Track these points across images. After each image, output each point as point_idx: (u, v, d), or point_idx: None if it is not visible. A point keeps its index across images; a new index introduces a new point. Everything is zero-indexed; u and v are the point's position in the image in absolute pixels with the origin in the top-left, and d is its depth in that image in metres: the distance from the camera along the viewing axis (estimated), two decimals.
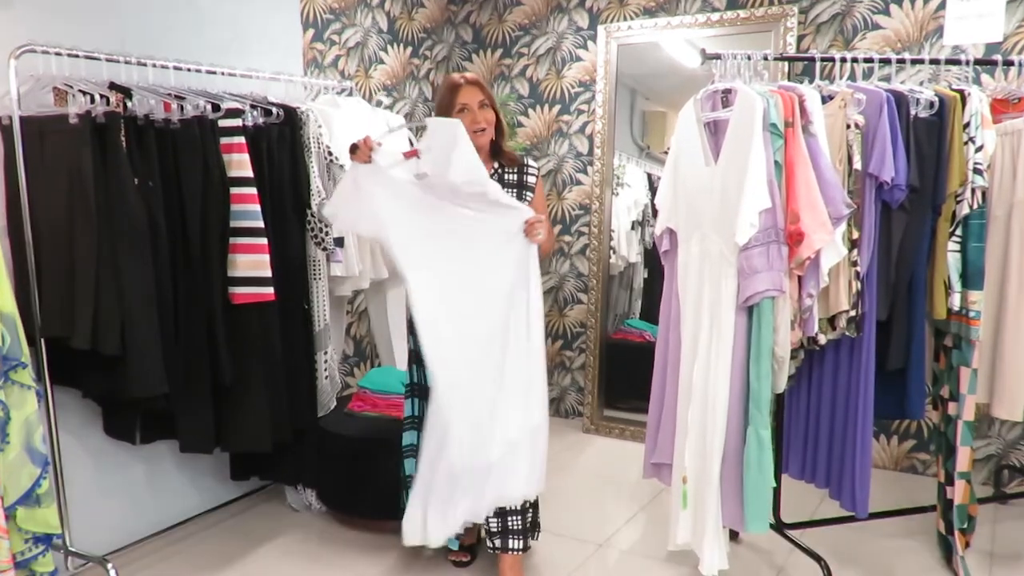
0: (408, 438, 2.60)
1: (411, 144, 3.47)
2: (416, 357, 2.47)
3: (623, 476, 3.48)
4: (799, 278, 2.24)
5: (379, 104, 3.68)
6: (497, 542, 2.50)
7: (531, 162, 2.52)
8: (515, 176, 2.48)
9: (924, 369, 2.53)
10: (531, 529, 2.59)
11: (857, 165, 2.27)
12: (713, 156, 2.33)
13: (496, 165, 2.47)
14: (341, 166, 2.90)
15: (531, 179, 2.50)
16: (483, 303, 2.29)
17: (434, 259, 2.27)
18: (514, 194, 2.44)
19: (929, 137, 2.33)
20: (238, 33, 3.13)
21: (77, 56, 2.37)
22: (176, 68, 2.62)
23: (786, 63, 3.46)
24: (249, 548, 2.86)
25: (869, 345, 2.33)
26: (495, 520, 2.47)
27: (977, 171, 2.31)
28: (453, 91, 2.39)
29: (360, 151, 2.26)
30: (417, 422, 2.53)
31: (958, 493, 2.48)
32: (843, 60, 2.52)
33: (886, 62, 2.57)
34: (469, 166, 2.22)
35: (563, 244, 4.25)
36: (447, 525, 2.27)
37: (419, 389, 2.54)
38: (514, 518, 2.48)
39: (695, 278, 2.35)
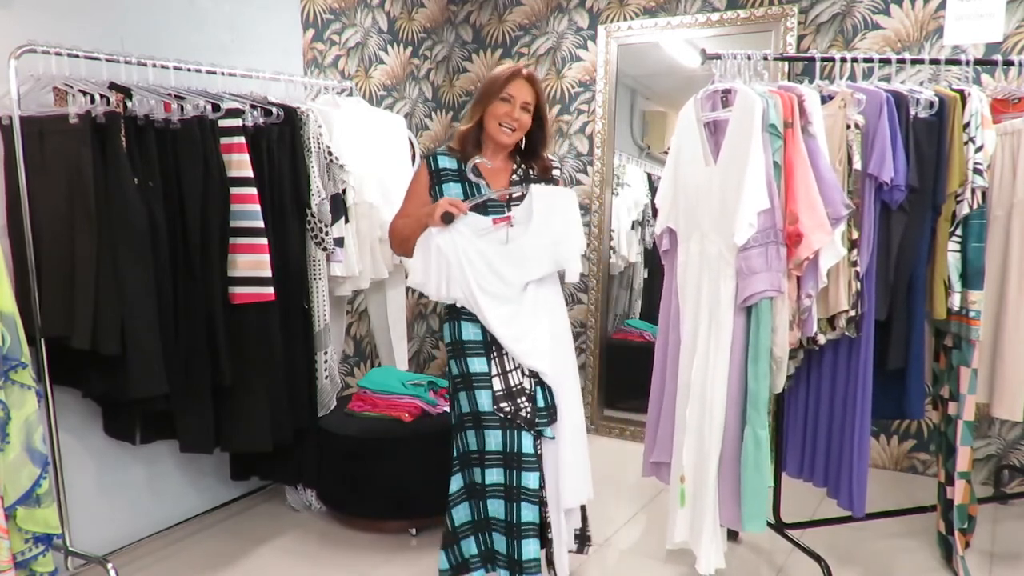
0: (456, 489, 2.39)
1: (412, 145, 3.49)
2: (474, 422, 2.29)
3: (623, 476, 3.48)
4: (798, 278, 2.24)
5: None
6: None
7: (552, 156, 2.44)
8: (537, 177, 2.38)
9: (924, 369, 2.53)
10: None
11: (857, 165, 2.27)
12: (713, 156, 2.33)
13: (522, 165, 2.36)
14: (341, 166, 2.90)
15: (554, 172, 2.40)
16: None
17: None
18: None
19: (929, 137, 2.33)
20: (238, 33, 3.13)
21: (77, 56, 2.37)
22: (176, 68, 2.62)
23: (786, 63, 3.46)
24: (249, 548, 2.86)
25: (868, 345, 2.32)
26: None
27: (977, 171, 2.31)
28: (510, 78, 2.27)
29: (455, 218, 2.18)
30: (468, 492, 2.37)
31: (958, 493, 2.48)
32: (843, 60, 2.51)
33: (886, 62, 2.57)
34: (561, 235, 2.24)
35: None
36: None
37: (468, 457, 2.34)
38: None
39: (694, 278, 2.35)
